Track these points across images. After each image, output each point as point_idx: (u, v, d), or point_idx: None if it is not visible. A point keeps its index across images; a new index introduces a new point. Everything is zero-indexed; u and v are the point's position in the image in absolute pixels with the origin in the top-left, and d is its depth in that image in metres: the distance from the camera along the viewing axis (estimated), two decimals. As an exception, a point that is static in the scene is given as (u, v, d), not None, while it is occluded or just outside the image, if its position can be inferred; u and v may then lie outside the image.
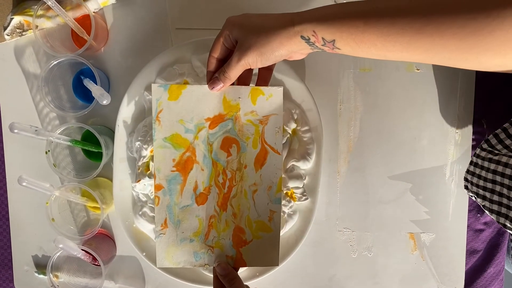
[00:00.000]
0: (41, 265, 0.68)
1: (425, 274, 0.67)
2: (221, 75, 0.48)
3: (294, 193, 0.61)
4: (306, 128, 0.61)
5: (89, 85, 0.59)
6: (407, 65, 0.64)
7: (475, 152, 0.56)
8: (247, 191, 0.53)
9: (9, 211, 0.68)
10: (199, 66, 0.60)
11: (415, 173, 0.66)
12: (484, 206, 0.54)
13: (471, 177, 0.56)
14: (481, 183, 0.54)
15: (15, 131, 0.54)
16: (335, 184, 0.66)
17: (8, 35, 0.63)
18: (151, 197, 0.61)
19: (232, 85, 0.51)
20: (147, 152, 0.59)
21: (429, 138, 0.65)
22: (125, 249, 0.67)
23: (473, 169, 0.56)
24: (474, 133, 0.65)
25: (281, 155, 0.53)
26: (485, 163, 0.54)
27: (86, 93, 0.63)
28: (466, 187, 0.59)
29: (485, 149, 0.55)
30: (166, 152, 0.52)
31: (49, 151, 0.60)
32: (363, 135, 0.66)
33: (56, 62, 0.59)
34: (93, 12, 0.63)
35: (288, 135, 0.61)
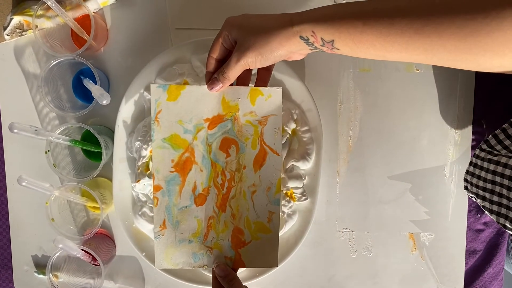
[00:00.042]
0: (41, 265, 0.68)
1: (424, 274, 0.67)
2: (220, 75, 0.48)
3: (293, 193, 0.61)
4: (305, 128, 0.61)
5: (89, 85, 0.59)
6: (407, 66, 0.64)
7: (475, 152, 0.56)
8: (246, 192, 0.53)
9: (9, 211, 0.68)
10: (199, 66, 0.60)
11: (415, 173, 0.66)
12: (484, 206, 0.54)
13: (471, 178, 0.56)
14: (481, 184, 0.54)
15: (15, 131, 0.54)
16: (334, 184, 0.66)
17: (8, 35, 0.63)
18: (151, 197, 0.61)
19: (231, 85, 0.50)
20: (146, 152, 0.59)
21: (428, 138, 0.65)
22: (125, 249, 0.67)
23: (472, 169, 0.56)
24: (473, 133, 0.65)
25: (280, 156, 0.53)
26: (485, 164, 0.53)
27: (86, 93, 0.63)
28: (465, 188, 0.59)
29: (485, 150, 0.55)
30: (165, 152, 0.52)
31: (49, 151, 0.60)
32: (363, 135, 0.65)
33: (56, 62, 0.59)
34: (93, 12, 0.63)
35: (287, 135, 0.61)
